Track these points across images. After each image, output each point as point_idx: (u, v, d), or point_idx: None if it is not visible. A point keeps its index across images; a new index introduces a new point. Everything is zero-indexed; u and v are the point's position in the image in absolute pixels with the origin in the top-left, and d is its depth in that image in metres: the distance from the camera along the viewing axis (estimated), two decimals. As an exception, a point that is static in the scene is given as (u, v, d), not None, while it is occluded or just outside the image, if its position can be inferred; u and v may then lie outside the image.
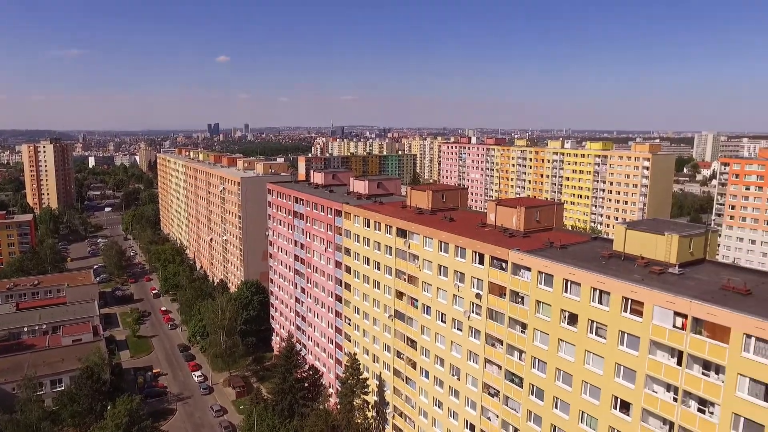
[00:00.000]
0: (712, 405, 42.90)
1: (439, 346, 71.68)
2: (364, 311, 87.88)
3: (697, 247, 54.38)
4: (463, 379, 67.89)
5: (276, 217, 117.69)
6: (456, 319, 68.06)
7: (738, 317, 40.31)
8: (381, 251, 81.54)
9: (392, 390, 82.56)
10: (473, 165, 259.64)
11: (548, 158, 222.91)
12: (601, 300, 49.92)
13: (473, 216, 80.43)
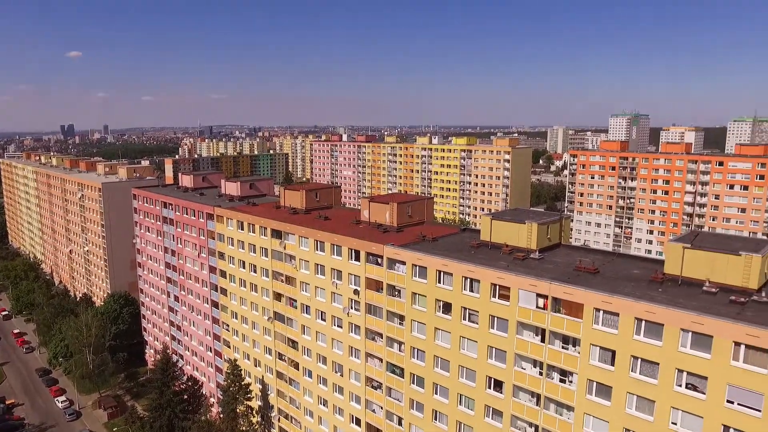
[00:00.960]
0: (571, 375, 47.29)
1: (321, 344, 72.05)
2: (242, 315, 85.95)
3: (553, 233, 59.44)
4: (346, 374, 68.84)
5: (143, 224, 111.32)
6: (336, 316, 68.81)
7: (589, 294, 44.76)
8: (256, 253, 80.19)
9: (276, 393, 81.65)
10: (345, 162, 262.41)
11: (417, 154, 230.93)
12: (472, 288, 52.99)
13: (347, 213, 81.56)
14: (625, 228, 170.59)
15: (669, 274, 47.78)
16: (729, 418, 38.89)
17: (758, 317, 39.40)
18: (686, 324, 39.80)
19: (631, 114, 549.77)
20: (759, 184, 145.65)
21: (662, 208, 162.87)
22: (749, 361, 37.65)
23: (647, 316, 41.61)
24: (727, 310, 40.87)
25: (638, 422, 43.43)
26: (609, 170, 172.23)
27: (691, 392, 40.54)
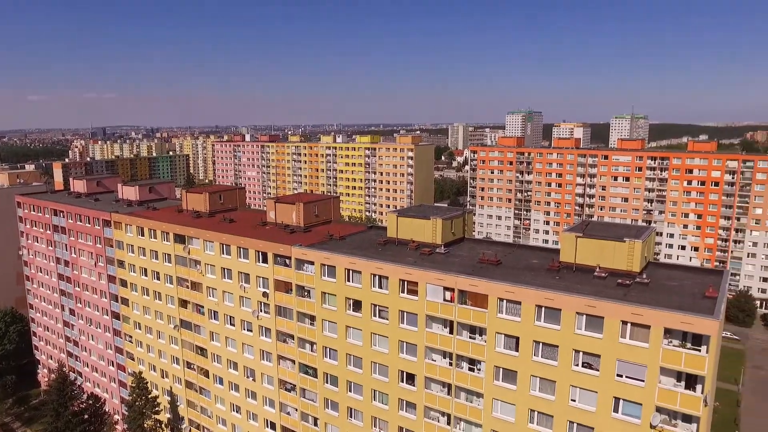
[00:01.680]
0: (479, 363, 49.35)
1: (231, 350, 70.45)
2: (146, 325, 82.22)
3: (457, 228, 61.60)
4: (259, 379, 67.81)
5: (31, 234, 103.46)
6: (245, 320, 67.55)
7: (493, 285, 46.90)
8: (159, 260, 76.99)
9: (186, 403, 78.89)
10: (249, 163, 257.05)
11: (322, 153, 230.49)
12: (381, 285, 53.88)
13: (253, 215, 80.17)
14: (524, 219, 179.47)
15: (564, 262, 51.01)
16: (619, 390, 42.27)
17: (641, 297, 43.11)
18: (581, 308, 42.73)
19: (526, 111, 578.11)
20: (638, 176, 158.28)
21: (556, 199, 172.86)
22: (634, 337, 41.08)
23: (546, 302, 44.26)
24: (615, 292, 44.35)
25: (542, 402, 46.14)
26: (507, 165, 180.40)
27: (587, 370, 43.61)
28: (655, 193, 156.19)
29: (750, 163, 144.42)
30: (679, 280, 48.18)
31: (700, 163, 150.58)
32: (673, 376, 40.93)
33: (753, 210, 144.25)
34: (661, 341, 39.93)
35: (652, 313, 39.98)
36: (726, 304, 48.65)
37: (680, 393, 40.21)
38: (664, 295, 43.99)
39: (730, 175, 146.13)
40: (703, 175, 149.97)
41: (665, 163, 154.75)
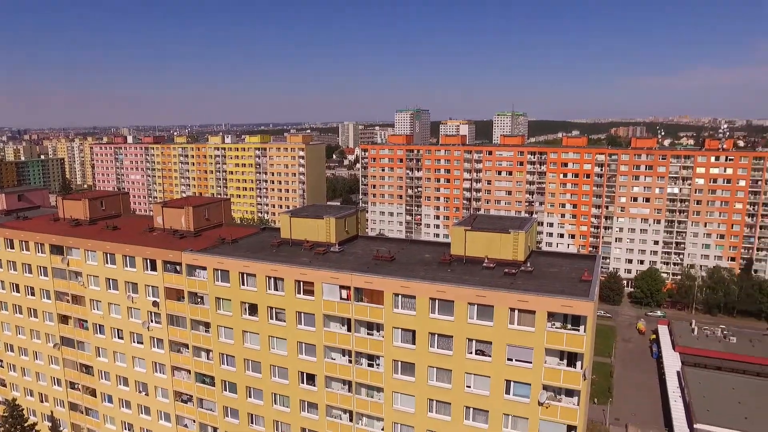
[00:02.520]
0: (378, 358, 50.28)
1: (120, 364, 66.59)
2: (20, 347, 75.55)
3: (351, 226, 62.22)
4: (152, 393, 64.65)
5: None
6: (135, 332, 64.10)
7: (387, 281, 47.92)
8: (34, 273, 71.04)
9: (71, 427, 73.50)
10: (132, 166, 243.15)
11: (210, 154, 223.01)
12: (277, 286, 53.31)
13: (139, 221, 76.15)
14: (415, 215, 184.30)
15: (455, 255, 53.19)
16: (510, 373, 44.86)
17: (526, 284, 45.97)
18: (472, 298, 44.81)
19: (414, 110, 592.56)
20: (520, 170, 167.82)
21: (445, 194, 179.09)
22: (521, 323, 43.76)
23: (440, 295, 45.95)
24: (503, 281, 46.96)
25: (439, 391, 47.87)
26: (397, 162, 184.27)
27: (480, 357, 45.84)
28: (535, 185, 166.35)
29: (615, 157, 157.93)
30: (558, 266, 51.88)
31: (573, 157, 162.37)
32: (557, 355, 44.09)
33: (618, 199, 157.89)
34: (545, 325, 42.85)
35: (537, 299, 42.80)
36: (599, 285, 53.05)
37: (563, 370, 43.40)
38: (546, 281, 47.19)
39: (599, 168, 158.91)
40: (576, 168, 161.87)
41: (543, 158, 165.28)
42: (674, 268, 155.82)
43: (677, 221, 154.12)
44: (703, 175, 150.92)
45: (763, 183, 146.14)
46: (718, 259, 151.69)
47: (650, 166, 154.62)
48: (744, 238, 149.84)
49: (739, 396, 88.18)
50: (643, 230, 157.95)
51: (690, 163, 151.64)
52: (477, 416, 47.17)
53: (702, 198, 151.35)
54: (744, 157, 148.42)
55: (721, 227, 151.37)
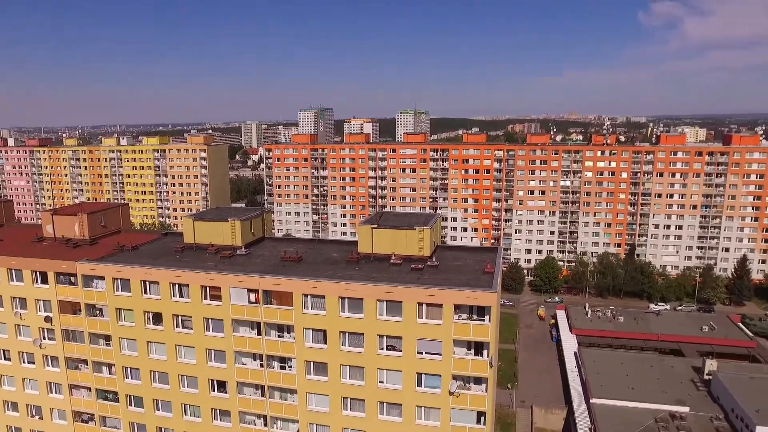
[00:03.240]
0: (290, 360, 50.02)
1: (8, 388, 61.63)
2: None
3: (257, 228, 61.29)
4: (48, 415, 60.43)
5: None
6: (24, 351, 59.57)
7: (296, 282, 47.76)
8: None
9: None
10: (15, 171, 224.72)
11: (105, 157, 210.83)
12: (182, 293, 51.59)
13: (26, 231, 70.74)
14: (322, 214, 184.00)
15: (363, 253, 53.84)
16: (420, 366, 46.18)
17: (433, 279, 47.44)
18: (381, 295, 45.63)
19: (318, 108, 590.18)
20: (423, 167, 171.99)
21: (351, 193, 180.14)
22: (430, 316, 45.14)
23: (349, 293, 46.41)
24: (410, 277, 48.16)
25: (353, 389, 48.37)
26: (302, 162, 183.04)
27: (391, 352, 46.80)
28: (438, 181, 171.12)
29: (512, 152, 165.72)
30: (463, 259, 53.89)
31: (473, 153, 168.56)
32: (464, 345, 45.91)
33: (517, 192, 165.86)
34: (452, 317, 44.45)
35: (443, 292, 44.30)
36: (501, 276, 55.63)
37: (471, 360, 45.28)
38: (451, 275, 48.92)
39: (498, 163, 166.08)
40: (477, 164, 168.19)
41: (445, 155, 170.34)
42: (569, 256, 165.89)
43: (570, 212, 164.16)
44: (591, 168, 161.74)
45: (641, 174, 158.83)
46: (606, 246, 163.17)
47: (544, 161, 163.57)
48: (627, 226, 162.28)
49: (627, 369, 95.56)
50: (540, 221, 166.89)
51: (579, 157, 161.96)
52: (391, 410, 48.16)
53: (591, 189, 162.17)
54: (625, 151, 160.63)
55: (608, 216, 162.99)
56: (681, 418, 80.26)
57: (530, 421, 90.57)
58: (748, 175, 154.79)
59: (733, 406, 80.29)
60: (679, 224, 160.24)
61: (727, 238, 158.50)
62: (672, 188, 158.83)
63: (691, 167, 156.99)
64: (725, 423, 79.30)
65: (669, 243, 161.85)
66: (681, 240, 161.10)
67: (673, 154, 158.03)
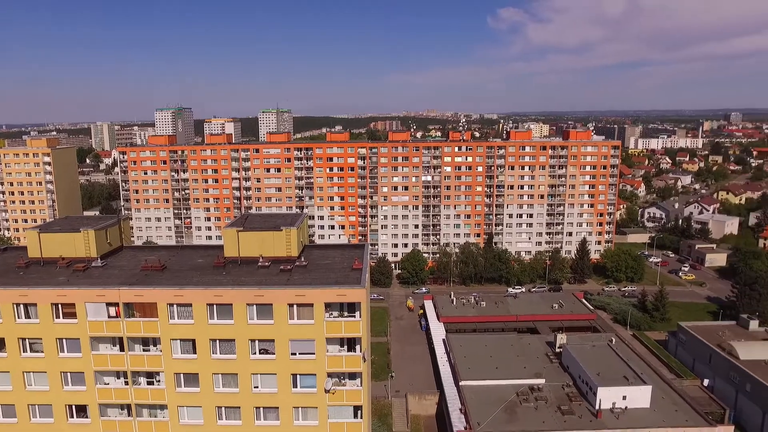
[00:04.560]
0: (158, 374, 47.68)
1: None
2: None
3: (113, 236, 57.50)
4: None
5: None
6: None
7: (160, 292, 45.60)
8: None
9: None
10: None
11: None
12: (29, 314, 47.05)
13: None
14: (185, 219, 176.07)
15: (229, 257, 52.69)
16: (295, 367, 46.28)
17: (302, 279, 47.68)
18: (250, 299, 45.01)
19: (176, 108, 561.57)
20: (288, 166, 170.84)
21: (215, 195, 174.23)
22: (301, 316, 45.35)
23: (217, 300, 45.23)
24: (279, 278, 48.00)
25: (227, 397, 47.24)
26: (161, 164, 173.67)
27: (265, 356, 46.36)
28: (304, 181, 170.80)
29: (375, 150, 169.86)
30: (331, 258, 54.66)
31: (337, 151, 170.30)
32: (337, 343, 46.73)
33: (381, 188, 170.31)
34: (323, 315, 45.02)
35: (313, 292, 44.70)
36: (370, 271, 57.20)
37: (345, 356, 46.19)
38: (321, 273, 49.46)
39: (362, 160, 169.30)
40: (341, 162, 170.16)
41: (310, 153, 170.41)
42: (433, 248, 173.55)
43: (432, 206, 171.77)
44: (450, 164, 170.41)
45: (495, 168, 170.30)
46: (467, 237, 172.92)
47: (406, 158, 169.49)
48: (485, 216, 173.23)
49: (490, 351, 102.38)
50: (405, 216, 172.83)
51: (438, 153, 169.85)
52: (268, 415, 47.74)
53: (450, 184, 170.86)
54: (480, 147, 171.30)
55: (467, 208, 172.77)
56: (538, 389, 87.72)
57: (405, 408, 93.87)
58: (584, 167, 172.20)
59: (579, 373, 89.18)
60: (529, 213, 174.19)
61: (570, 224, 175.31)
62: (522, 180, 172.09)
63: (537, 160, 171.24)
64: (574, 389, 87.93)
65: (522, 231, 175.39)
66: (532, 227, 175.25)
67: (521, 148, 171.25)
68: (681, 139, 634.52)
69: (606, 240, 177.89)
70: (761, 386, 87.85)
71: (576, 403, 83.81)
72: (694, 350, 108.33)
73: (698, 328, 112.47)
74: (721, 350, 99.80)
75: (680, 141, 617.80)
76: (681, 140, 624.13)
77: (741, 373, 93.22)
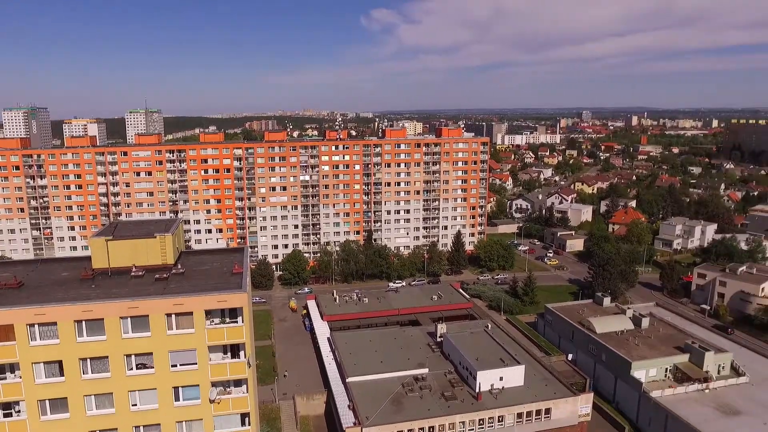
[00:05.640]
0: (18, 404, 43.57)
1: None
2: None
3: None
4: None
5: None
6: None
7: (17, 312, 41.68)
8: None
9: None
10: None
11: None
12: None
13: None
14: (44, 229, 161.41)
15: (98, 269, 49.39)
16: (176, 379, 44.46)
17: (180, 287, 45.87)
18: (124, 311, 42.52)
19: (28, 108, 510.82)
20: (159, 169, 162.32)
21: (79, 202, 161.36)
22: (181, 326, 43.65)
23: (86, 315, 42.22)
24: (155, 288, 45.80)
25: (103, 420, 44.27)
26: (13, 170, 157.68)
27: (143, 371, 44.01)
28: (177, 184, 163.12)
29: (251, 150, 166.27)
30: (210, 263, 53.06)
31: (212, 152, 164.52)
32: (220, 350, 45.52)
33: (259, 189, 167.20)
34: (204, 323, 43.65)
35: (192, 300, 43.20)
36: (250, 274, 56.20)
37: (228, 363, 45.12)
38: (199, 280, 47.88)
39: (238, 162, 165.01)
40: (216, 164, 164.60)
41: (183, 155, 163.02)
42: (314, 247, 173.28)
43: (311, 205, 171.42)
44: (328, 163, 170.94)
45: (372, 166, 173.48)
46: (347, 234, 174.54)
47: (283, 157, 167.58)
48: (364, 214, 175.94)
49: (375, 345, 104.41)
50: (284, 216, 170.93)
51: (316, 152, 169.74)
52: (147, 432, 45.44)
53: (329, 182, 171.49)
54: (356, 145, 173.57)
55: (346, 206, 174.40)
56: (423, 378, 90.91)
57: (294, 410, 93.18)
58: (456, 162, 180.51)
59: (460, 360, 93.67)
60: (407, 209, 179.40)
61: (445, 218, 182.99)
62: (399, 177, 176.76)
63: (412, 157, 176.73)
64: (456, 375, 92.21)
65: (400, 226, 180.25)
66: (410, 223, 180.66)
67: (397, 146, 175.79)
68: (542, 135, 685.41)
69: (479, 232, 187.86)
70: (613, 355, 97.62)
71: (458, 388, 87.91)
72: (559, 329, 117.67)
73: (562, 308, 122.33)
74: (581, 327, 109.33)
75: (541, 137, 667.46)
76: (542, 136, 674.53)
77: (597, 345, 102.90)
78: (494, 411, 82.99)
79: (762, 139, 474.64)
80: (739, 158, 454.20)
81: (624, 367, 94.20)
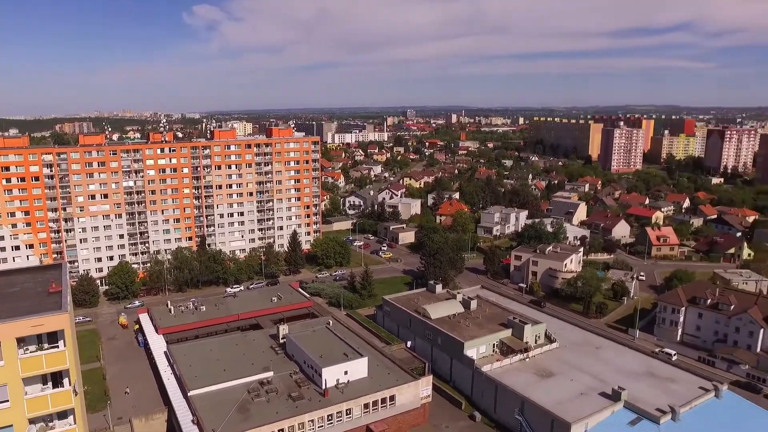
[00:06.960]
0: None
1: None
2: None
3: None
4: None
5: None
6: None
7: None
8: None
9: None
10: None
11: None
12: None
13: None
14: None
15: None
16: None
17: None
18: None
19: None
20: None
21: None
22: (-11, 358, 38.67)
23: None
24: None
25: None
26: None
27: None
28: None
29: (64, 155, 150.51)
30: (20, 284, 47.70)
31: (16, 159, 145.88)
32: (39, 381, 41.11)
33: (76, 198, 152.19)
34: (16, 353, 39.10)
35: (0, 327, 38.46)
36: (71, 293, 51.38)
37: (50, 394, 40.91)
38: (8, 304, 42.83)
39: (49, 169, 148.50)
40: (22, 172, 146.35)
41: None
42: (143, 257, 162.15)
43: (137, 212, 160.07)
44: (153, 167, 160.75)
45: (201, 168, 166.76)
46: (178, 241, 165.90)
47: (102, 163, 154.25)
48: (195, 219, 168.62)
49: (216, 354, 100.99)
50: (107, 226, 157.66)
51: (139, 156, 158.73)
52: (-50, 484, 39.66)
53: (156, 188, 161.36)
54: (184, 147, 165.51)
55: (176, 212, 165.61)
56: (268, 382, 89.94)
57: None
58: (288, 162, 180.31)
59: (304, 359, 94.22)
60: (240, 211, 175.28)
61: (280, 218, 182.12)
62: (230, 179, 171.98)
63: (243, 159, 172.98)
64: (301, 375, 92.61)
65: (234, 230, 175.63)
66: (244, 225, 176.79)
67: (227, 147, 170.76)
68: (370, 133, 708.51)
69: (314, 230, 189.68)
70: (448, 338, 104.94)
71: (305, 388, 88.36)
72: (397, 318, 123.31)
73: (398, 298, 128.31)
74: (417, 314, 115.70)
75: (370, 135, 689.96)
76: (370, 134, 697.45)
77: (433, 330, 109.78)
78: (342, 405, 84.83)
79: (558, 135, 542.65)
80: (541, 151, 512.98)
81: (458, 348, 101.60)
